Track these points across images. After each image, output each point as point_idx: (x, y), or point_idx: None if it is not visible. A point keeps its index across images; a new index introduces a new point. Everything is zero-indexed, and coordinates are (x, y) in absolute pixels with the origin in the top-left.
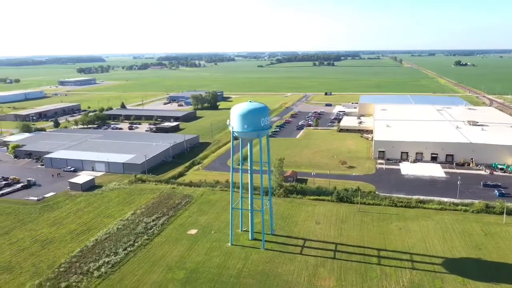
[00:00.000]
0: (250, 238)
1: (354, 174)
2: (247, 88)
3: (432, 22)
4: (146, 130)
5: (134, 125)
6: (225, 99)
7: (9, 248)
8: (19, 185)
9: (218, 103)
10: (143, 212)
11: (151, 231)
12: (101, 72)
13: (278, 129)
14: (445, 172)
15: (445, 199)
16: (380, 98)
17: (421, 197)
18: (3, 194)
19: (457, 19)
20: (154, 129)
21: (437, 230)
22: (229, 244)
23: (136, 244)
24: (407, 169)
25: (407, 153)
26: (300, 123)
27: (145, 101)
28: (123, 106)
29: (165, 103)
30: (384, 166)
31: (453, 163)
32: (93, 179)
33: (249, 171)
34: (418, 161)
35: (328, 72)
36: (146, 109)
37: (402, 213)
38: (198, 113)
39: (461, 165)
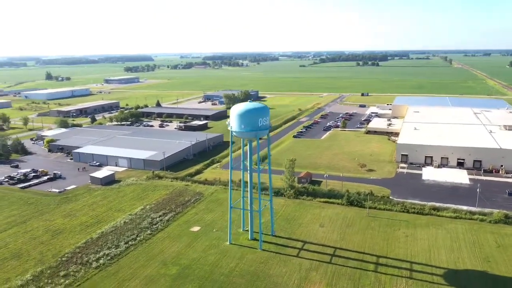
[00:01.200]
0: (249, 238)
1: (371, 177)
2: (284, 88)
3: (487, 20)
4: (175, 128)
5: (165, 123)
6: (259, 98)
7: (22, 236)
8: (45, 178)
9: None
10: (152, 208)
11: (155, 226)
12: (147, 71)
13: (304, 130)
14: (470, 179)
15: (463, 207)
16: (416, 99)
17: (437, 204)
18: (30, 185)
19: None
20: (182, 127)
21: (446, 239)
22: (228, 243)
23: (138, 238)
24: (429, 174)
25: (431, 157)
26: (328, 124)
27: (181, 100)
28: (158, 104)
29: (200, 102)
30: (405, 171)
31: (480, 170)
32: (113, 174)
33: (248, 171)
34: (443, 167)
35: (370, 73)
36: (178, 108)
37: (413, 220)
38: (229, 112)
39: (489, 172)
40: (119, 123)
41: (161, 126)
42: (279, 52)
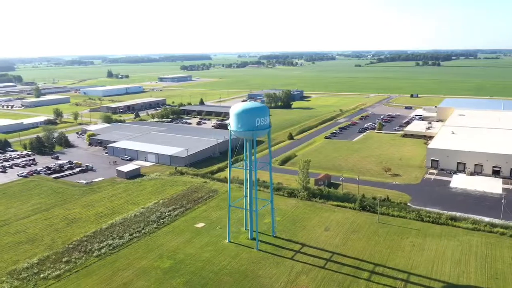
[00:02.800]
0: (249, 237)
1: (394, 182)
2: (332, 88)
3: None
4: (212, 126)
5: (203, 121)
6: (304, 98)
7: (41, 223)
8: (77, 169)
9: (291, 103)
10: (164, 202)
11: (162, 220)
12: (202, 69)
13: (338, 131)
14: (504, 189)
15: (485, 219)
16: (466, 102)
17: (456, 214)
18: (62, 176)
19: None
20: (217, 125)
21: (455, 252)
22: (227, 241)
23: (143, 231)
24: (458, 182)
25: (464, 164)
26: (365, 125)
27: (226, 98)
28: (201, 103)
29: (243, 101)
30: (433, 177)
31: None
32: (138, 168)
33: (248, 170)
34: (477, 174)
35: (429, 73)
36: (217, 106)
37: (425, 229)
38: (270, 111)
39: None
40: (160, 119)
41: (198, 123)
42: (337, 51)
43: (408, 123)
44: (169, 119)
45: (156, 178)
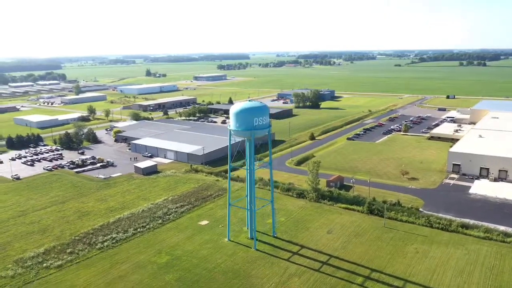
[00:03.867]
0: (249, 236)
1: (410, 186)
2: (365, 88)
3: None
4: None
5: (228, 120)
6: (334, 98)
7: (55, 215)
8: (99, 164)
9: (320, 102)
10: (174, 199)
11: (168, 216)
12: (238, 69)
13: (362, 132)
14: None
15: (500, 227)
16: (505, 104)
17: (469, 221)
18: (84, 170)
19: None
20: None
21: (460, 261)
22: (226, 240)
23: (147, 226)
24: (479, 188)
25: (487, 169)
26: (391, 127)
27: (256, 97)
28: (230, 101)
29: (272, 100)
30: (452, 182)
31: None
32: (155, 165)
33: (247, 170)
34: (501, 180)
35: (471, 73)
36: None
37: (433, 235)
38: (297, 111)
39: None
40: (186, 118)
41: (223, 122)
42: (378, 50)
43: (437, 125)
44: (195, 118)
45: (171, 175)
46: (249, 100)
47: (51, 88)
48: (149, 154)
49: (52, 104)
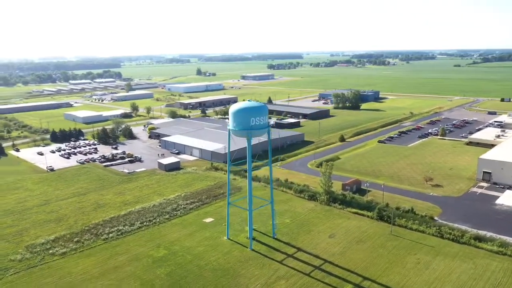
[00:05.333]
0: (248, 236)
1: (431, 193)
2: (414, 89)
3: None
4: (271, 125)
5: None
6: (378, 99)
7: (74, 206)
8: (127, 159)
9: (361, 104)
10: (186, 196)
11: (175, 212)
12: (288, 68)
13: (397, 135)
14: None
15: None
16: None
17: (486, 234)
18: (111, 165)
19: None
20: (273, 124)
21: (463, 275)
22: (225, 238)
23: (153, 221)
24: (508, 198)
25: None
26: (429, 130)
27: (298, 97)
28: (269, 101)
29: (313, 101)
30: (480, 191)
31: None
32: (178, 162)
33: (247, 170)
34: None
35: None
36: (279, 105)
37: (441, 246)
38: (334, 112)
39: None
40: (222, 116)
41: None
42: (440, 50)
43: (480, 130)
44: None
45: (191, 172)
46: (248, 100)
47: (106, 85)
48: (177, 151)
49: (102, 101)
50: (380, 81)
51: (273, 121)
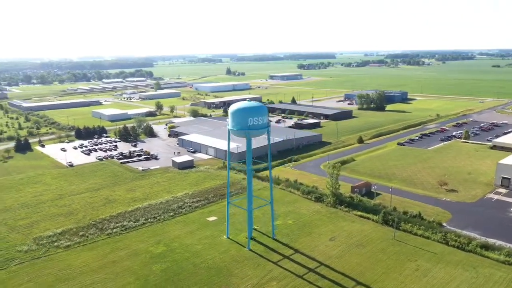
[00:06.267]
0: (248, 236)
1: (444, 198)
2: (445, 91)
3: None
4: (291, 125)
5: (282, 120)
6: (405, 100)
7: (85, 200)
8: (143, 157)
9: (386, 105)
10: (193, 194)
11: (180, 210)
12: (319, 68)
13: (418, 138)
14: None
15: None
16: None
17: (495, 242)
18: (128, 162)
19: None
20: (294, 124)
21: (462, 285)
22: (225, 237)
23: (158, 218)
24: None
25: None
26: (453, 133)
27: (323, 98)
28: (293, 101)
29: (338, 101)
30: (496, 197)
31: None
32: (191, 160)
33: (248, 170)
34: None
35: None
36: (301, 105)
37: (445, 253)
38: (358, 113)
39: None
40: None
41: (277, 122)
42: (480, 49)
43: (508, 133)
44: None
45: (204, 170)
46: (248, 100)
47: (137, 84)
48: (193, 150)
49: (130, 99)
50: (411, 81)
51: (293, 121)
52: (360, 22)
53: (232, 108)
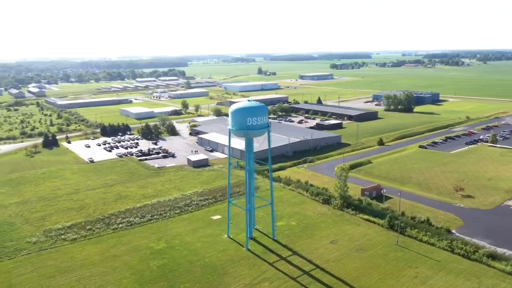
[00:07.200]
0: (248, 236)
1: (458, 204)
2: (482, 92)
3: None
4: (313, 126)
5: (304, 120)
6: (436, 102)
7: (98, 196)
8: (161, 155)
9: (414, 106)
10: (202, 192)
11: (187, 208)
12: (352, 68)
13: (441, 141)
14: None
15: None
16: None
17: (507, 252)
18: (145, 159)
19: None
20: (316, 125)
21: None
22: (226, 236)
23: (164, 215)
24: None
25: None
26: (481, 137)
27: (351, 98)
28: (319, 101)
29: (366, 102)
30: None
31: None
32: (206, 159)
33: (247, 170)
34: None
35: None
36: (326, 105)
37: (448, 261)
38: (384, 114)
39: None
40: None
41: (300, 122)
42: None
43: None
44: (275, 116)
45: (217, 169)
46: (248, 100)
47: (168, 83)
48: (210, 148)
49: (160, 98)
50: (446, 82)
51: (316, 121)
52: (399, 20)
53: (231, 108)
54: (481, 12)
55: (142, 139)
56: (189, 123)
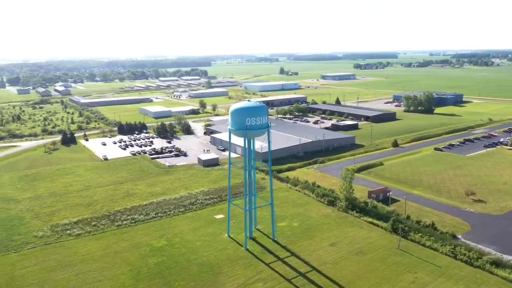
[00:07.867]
0: (248, 236)
1: (468, 209)
2: (507, 93)
3: None
4: (329, 126)
5: (320, 121)
6: (460, 103)
7: (107, 193)
8: (173, 153)
9: (435, 107)
10: (208, 191)
11: (191, 206)
12: (376, 68)
13: (459, 143)
14: None
15: None
16: None
17: (511, 259)
18: (158, 157)
19: None
20: (331, 125)
21: None
22: (226, 235)
23: (167, 213)
24: None
25: None
26: (501, 140)
27: (371, 99)
28: (337, 102)
29: (386, 102)
30: None
31: None
32: (216, 158)
33: (247, 170)
34: None
35: None
36: (344, 106)
37: (450, 268)
38: (403, 115)
39: None
40: (283, 116)
41: (315, 122)
42: None
43: None
44: (291, 116)
45: (226, 169)
46: (248, 100)
47: (190, 83)
48: (222, 148)
49: (180, 97)
50: (472, 83)
51: (332, 122)
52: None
53: (231, 108)
54: None
55: (157, 137)
56: (205, 122)
